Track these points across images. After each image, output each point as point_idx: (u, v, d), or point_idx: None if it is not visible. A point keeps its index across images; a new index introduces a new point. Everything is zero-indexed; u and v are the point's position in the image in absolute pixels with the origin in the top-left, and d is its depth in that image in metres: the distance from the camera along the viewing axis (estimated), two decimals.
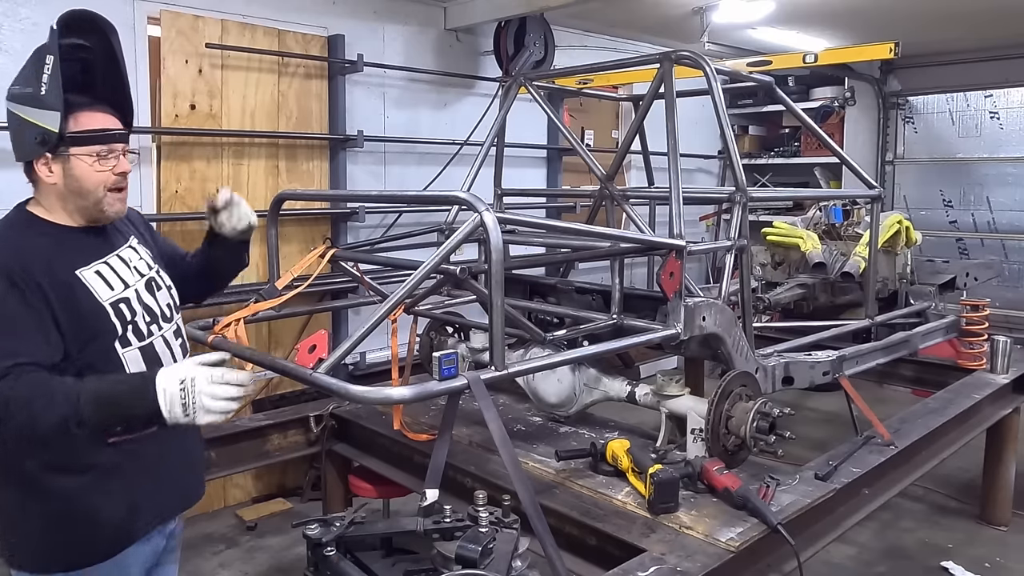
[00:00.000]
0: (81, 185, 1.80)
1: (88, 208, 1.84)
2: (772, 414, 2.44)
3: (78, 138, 1.78)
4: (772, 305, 3.95)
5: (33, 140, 1.75)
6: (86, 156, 1.80)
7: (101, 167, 1.81)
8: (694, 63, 2.85)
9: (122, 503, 1.85)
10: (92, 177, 1.81)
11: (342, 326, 4.84)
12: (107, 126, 1.84)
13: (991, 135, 7.44)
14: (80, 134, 1.79)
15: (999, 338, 4.00)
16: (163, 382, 1.67)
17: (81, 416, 1.62)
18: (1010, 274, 7.31)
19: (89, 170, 1.80)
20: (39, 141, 1.75)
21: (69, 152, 1.78)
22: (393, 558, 1.81)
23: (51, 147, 1.76)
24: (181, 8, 4.15)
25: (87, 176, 1.80)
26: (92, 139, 1.80)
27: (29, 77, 1.77)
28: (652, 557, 2.07)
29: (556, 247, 3.19)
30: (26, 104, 1.76)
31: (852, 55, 5.61)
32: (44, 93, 1.74)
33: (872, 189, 3.71)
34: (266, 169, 4.58)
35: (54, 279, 1.74)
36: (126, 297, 1.87)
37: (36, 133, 1.74)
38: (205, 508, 4.48)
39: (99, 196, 1.83)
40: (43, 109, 1.74)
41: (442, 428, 2.08)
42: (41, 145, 1.75)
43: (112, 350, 1.82)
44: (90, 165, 1.80)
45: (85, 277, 1.81)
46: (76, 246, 1.83)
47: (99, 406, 1.65)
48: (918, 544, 4.12)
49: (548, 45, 5.44)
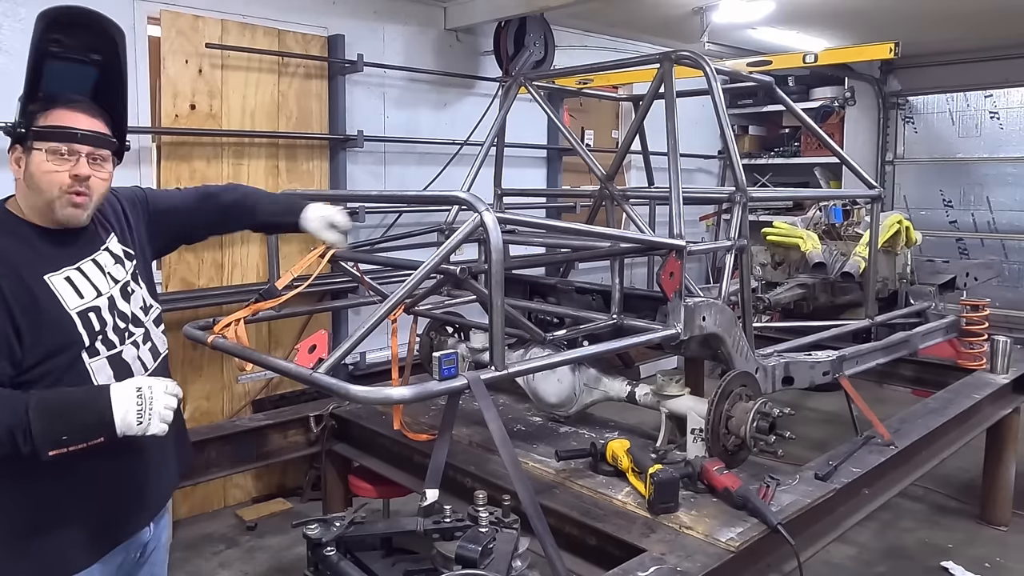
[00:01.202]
0: (33, 181, 1.73)
1: (41, 208, 1.75)
2: (772, 414, 2.44)
3: (40, 132, 1.72)
4: (772, 305, 3.95)
5: (7, 130, 1.75)
6: (44, 152, 1.72)
7: (56, 166, 1.72)
8: (694, 63, 2.85)
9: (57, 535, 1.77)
10: (48, 176, 1.72)
11: (342, 326, 4.84)
12: (77, 125, 1.76)
13: (991, 135, 7.44)
14: (43, 128, 1.72)
15: (999, 338, 4.00)
16: (117, 392, 1.66)
17: (28, 427, 1.55)
18: (1010, 274, 7.31)
19: (47, 168, 1.72)
20: (8, 131, 1.74)
21: (31, 146, 1.72)
22: (393, 558, 1.81)
23: (17, 139, 1.74)
24: (181, 8, 4.15)
25: (39, 173, 1.72)
26: (52, 135, 1.72)
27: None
28: (652, 557, 2.07)
29: (556, 247, 3.19)
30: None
31: (852, 55, 5.61)
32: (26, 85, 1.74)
33: (872, 189, 3.71)
34: (266, 169, 4.58)
35: (19, 285, 1.67)
36: (96, 306, 1.79)
37: (13, 123, 1.74)
38: (205, 508, 4.48)
39: (51, 196, 1.73)
40: (20, 100, 1.75)
41: (442, 428, 2.08)
42: (8, 135, 1.74)
43: (79, 360, 1.75)
44: (46, 161, 1.71)
45: (54, 283, 1.73)
46: (48, 249, 1.75)
47: (49, 416, 1.58)
48: (918, 544, 4.12)
49: (548, 45, 5.44)
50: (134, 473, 1.90)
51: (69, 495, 1.77)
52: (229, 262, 4.45)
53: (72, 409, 1.63)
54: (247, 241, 4.51)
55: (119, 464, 1.84)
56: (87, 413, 1.64)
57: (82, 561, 1.82)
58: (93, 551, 1.84)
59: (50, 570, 1.77)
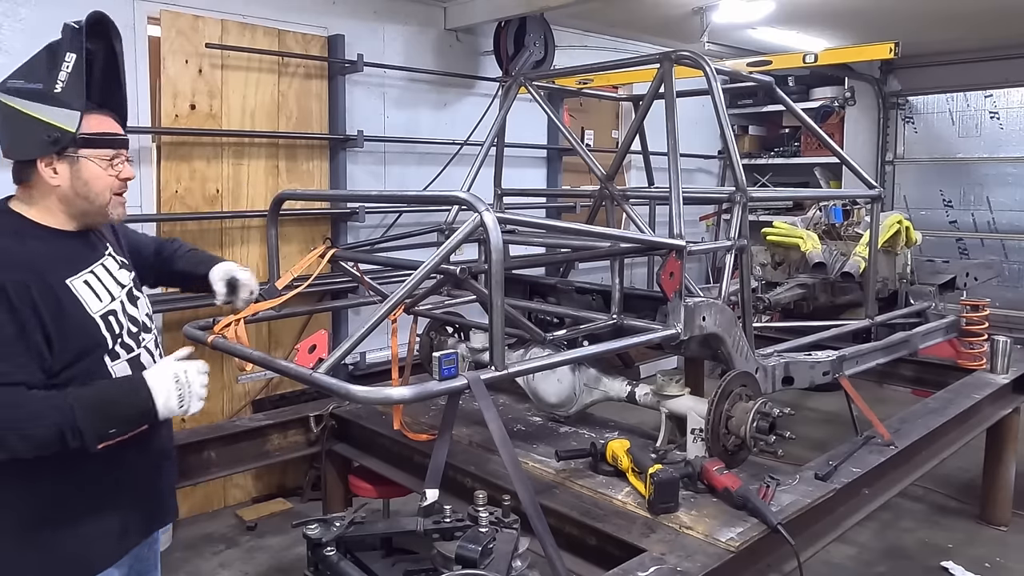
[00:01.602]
0: (90, 188, 1.77)
1: (91, 212, 1.81)
2: (772, 414, 2.44)
3: (91, 140, 1.75)
4: (772, 305, 3.95)
5: (42, 138, 1.69)
6: (98, 159, 1.77)
7: (106, 171, 1.79)
8: (694, 63, 2.85)
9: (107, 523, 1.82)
10: (102, 180, 1.79)
11: (342, 326, 4.84)
12: (115, 131, 1.82)
13: (991, 135, 7.44)
14: (93, 136, 1.75)
15: (999, 338, 3.99)
16: (154, 380, 1.73)
17: (76, 425, 1.61)
18: (1010, 274, 7.31)
19: (101, 173, 1.78)
20: (50, 140, 1.69)
21: (78, 154, 1.74)
22: (393, 558, 1.81)
23: (61, 148, 1.71)
24: (181, 8, 4.15)
25: (98, 179, 1.78)
26: (104, 142, 1.78)
27: (39, 73, 1.72)
28: (652, 557, 2.07)
29: (556, 247, 3.19)
30: (33, 100, 1.70)
31: (852, 55, 5.61)
32: (60, 91, 1.69)
33: (872, 189, 3.71)
34: (266, 169, 4.58)
35: (46, 291, 1.69)
36: (113, 310, 1.83)
37: (47, 131, 1.69)
38: (205, 508, 4.48)
39: (106, 200, 1.81)
40: (57, 107, 1.69)
41: (442, 428, 2.08)
42: (52, 144, 1.70)
43: (102, 364, 1.79)
44: (103, 169, 1.78)
45: (75, 287, 1.76)
46: (66, 253, 1.78)
47: (94, 412, 1.64)
48: (918, 544, 4.12)
49: (548, 45, 5.44)
50: (151, 474, 1.95)
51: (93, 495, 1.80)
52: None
53: (115, 403, 1.70)
54: (247, 241, 4.52)
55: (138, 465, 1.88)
56: (130, 407, 1.71)
57: (106, 559, 1.85)
58: (116, 550, 1.87)
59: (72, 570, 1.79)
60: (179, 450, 2.83)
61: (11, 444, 1.58)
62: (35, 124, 1.70)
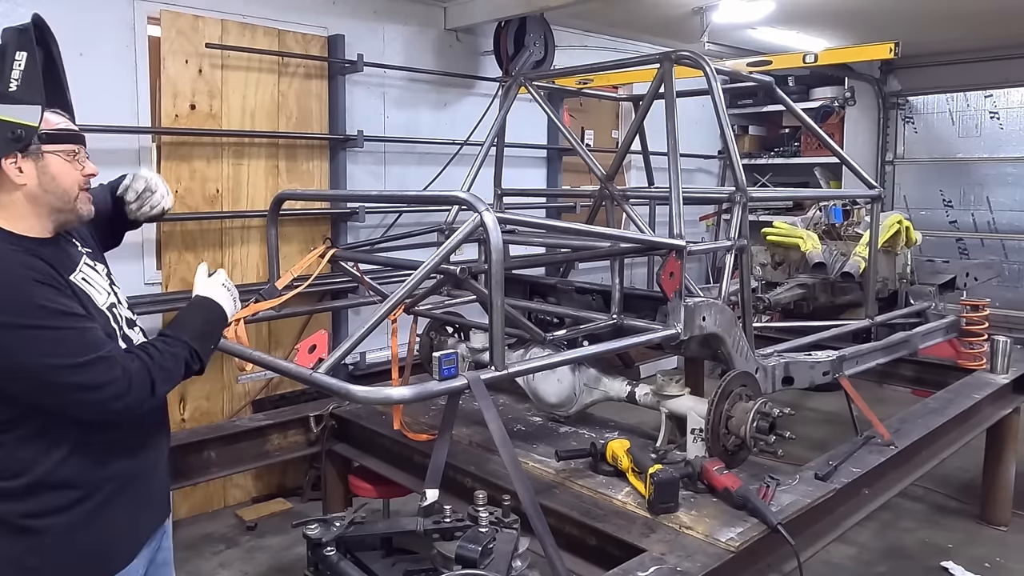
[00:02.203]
0: (58, 184, 1.74)
1: (62, 209, 1.77)
2: (772, 414, 2.44)
3: (54, 136, 1.73)
4: (772, 305, 3.95)
5: (5, 136, 1.65)
6: (62, 154, 1.74)
7: (71, 167, 1.77)
8: (694, 63, 2.85)
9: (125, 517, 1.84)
10: (70, 175, 1.76)
11: (342, 326, 4.84)
12: (70, 126, 1.80)
13: (991, 135, 7.44)
14: (55, 132, 1.74)
15: (999, 338, 3.99)
16: (215, 294, 1.95)
17: (195, 353, 1.81)
18: (1010, 274, 7.31)
19: (68, 168, 1.75)
20: (13, 137, 1.66)
21: (43, 150, 1.71)
22: (393, 558, 1.81)
23: (25, 145, 1.68)
24: (181, 8, 4.15)
25: (66, 174, 1.75)
26: (66, 137, 1.76)
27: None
28: (652, 557, 2.07)
29: (556, 247, 3.19)
30: None
31: (852, 55, 5.62)
32: (15, 89, 1.66)
33: (872, 189, 3.71)
34: (266, 169, 4.58)
35: (63, 280, 1.70)
36: (112, 303, 1.85)
37: (8, 129, 1.65)
38: (205, 508, 4.48)
39: (73, 196, 1.77)
40: (15, 104, 1.66)
41: (442, 428, 2.08)
42: (15, 141, 1.66)
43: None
44: (68, 163, 1.75)
45: (78, 283, 1.76)
46: (55, 256, 1.75)
47: (202, 339, 1.85)
48: (918, 544, 4.12)
49: (548, 45, 5.44)
50: (157, 466, 1.96)
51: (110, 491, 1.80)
52: (229, 262, 4.45)
53: (210, 327, 1.92)
54: (247, 241, 4.52)
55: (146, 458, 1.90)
56: (218, 324, 1.95)
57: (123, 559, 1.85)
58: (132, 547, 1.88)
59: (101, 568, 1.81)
60: (179, 450, 2.85)
61: (161, 391, 1.74)
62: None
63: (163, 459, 2.01)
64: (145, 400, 1.69)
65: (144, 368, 1.69)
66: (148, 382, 1.69)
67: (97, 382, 1.62)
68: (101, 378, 1.62)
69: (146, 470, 1.90)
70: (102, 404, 1.64)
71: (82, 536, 1.75)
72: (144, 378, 1.68)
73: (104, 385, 1.62)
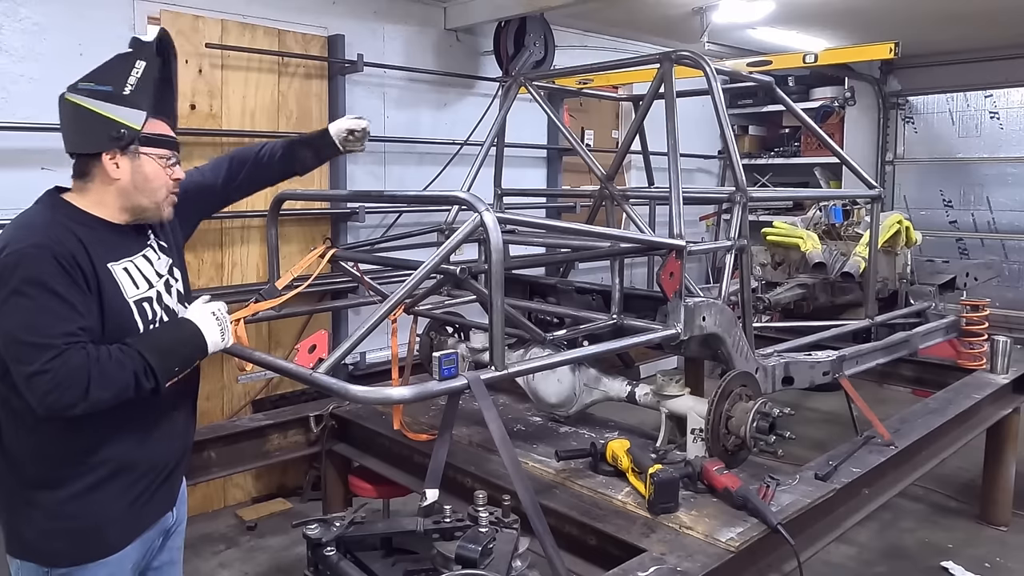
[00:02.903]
0: (149, 184, 1.89)
1: (146, 207, 1.92)
2: (772, 414, 2.44)
3: (152, 139, 1.89)
4: (772, 305, 3.95)
5: (110, 134, 1.82)
6: (157, 158, 1.90)
7: (163, 171, 1.92)
8: (694, 63, 2.85)
9: (123, 501, 1.88)
10: (160, 178, 1.91)
11: (342, 326, 4.84)
12: (169, 134, 1.96)
13: (991, 135, 7.45)
14: (154, 136, 1.90)
15: (999, 338, 4.00)
16: (199, 319, 1.89)
17: (149, 368, 1.75)
18: (1010, 274, 7.31)
19: (159, 171, 1.91)
20: (116, 136, 1.83)
21: (140, 151, 1.87)
22: (393, 558, 1.81)
23: (125, 144, 1.84)
24: (181, 8, 4.15)
25: (157, 175, 1.90)
26: (163, 143, 1.92)
27: (109, 76, 1.84)
28: (652, 557, 2.07)
29: (556, 247, 3.19)
30: (102, 99, 1.83)
31: (852, 55, 5.61)
32: (129, 93, 1.84)
33: (872, 189, 3.71)
34: None
35: (88, 267, 1.78)
36: (149, 297, 1.92)
37: (114, 128, 1.82)
38: (205, 508, 4.48)
39: (162, 196, 1.93)
40: (125, 107, 1.83)
41: (442, 428, 2.08)
42: (117, 140, 1.83)
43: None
44: (160, 167, 1.91)
45: (115, 272, 1.85)
46: (110, 240, 1.87)
47: (161, 356, 1.79)
48: (918, 544, 4.12)
49: (548, 45, 5.44)
50: (160, 452, 1.98)
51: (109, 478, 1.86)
52: (229, 262, 4.46)
53: (176, 346, 1.86)
54: (247, 241, 4.51)
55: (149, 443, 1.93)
56: (188, 346, 1.88)
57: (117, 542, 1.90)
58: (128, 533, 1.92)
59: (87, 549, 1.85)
60: None
61: (97, 394, 1.68)
62: (104, 121, 1.83)
63: (176, 456, 2.04)
64: (77, 400, 1.66)
65: (82, 367, 1.66)
66: (83, 382, 1.66)
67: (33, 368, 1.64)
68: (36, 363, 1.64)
69: (149, 462, 1.93)
70: (34, 391, 1.66)
71: (70, 512, 1.82)
72: (79, 377, 1.65)
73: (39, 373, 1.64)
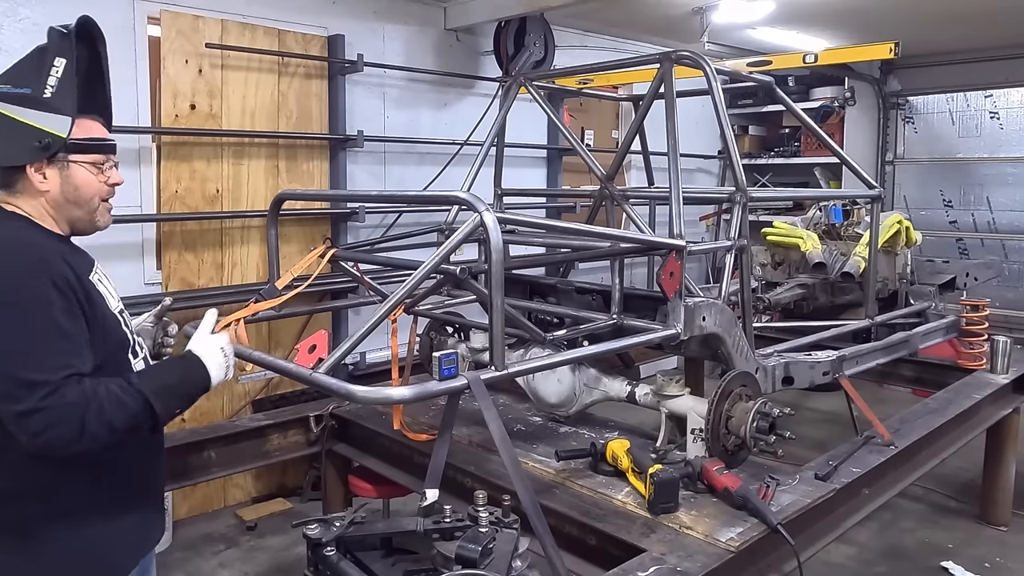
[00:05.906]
0: (79, 194, 1.74)
1: (80, 218, 1.77)
2: (772, 414, 2.44)
3: (81, 145, 1.72)
4: (772, 305, 3.95)
5: (32, 144, 1.65)
6: (88, 164, 1.74)
7: (96, 177, 1.76)
8: (694, 63, 2.85)
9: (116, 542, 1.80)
10: (92, 186, 1.75)
11: (342, 326, 4.84)
12: (104, 136, 1.80)
13: (991, 135, 7.44)
14: (83, 142, 1.73)
15: (999, 338, 4.00)
16: (206, 355, 1.80)
17: (151, 409, 1.65)
18: (1010, 274, 7.31)
19: (91, 179, 1.75)
20: (41, 146, 1.66)
21: (68, 159, 1.71)
22: (393, 558, 1.81)
23: (52, 154, 1.68)
24: (181, 8, 4.15)
25: (88, 185, 1.74)
26: (94, 148, 1.75)
27: (26, 77, 1.67)
28: (652, 557, 2.07)
29: (556, 247, 3.19)
30: (20, 104, 1.66)
31: (852, 55, 5.61)
32: (50, 96, 1.66)
33: (872, 189, 3.71)
34: (266, 169, 4.58)
35: (80, 285, 1.67)
36: (123, 309, 1.84)
37: (37, 137, 1.65)
38: (205, 508, 4.48)
39: (94, 206, 1.77)
40: (47, 112, 1.66)
41: (442, 428, 2.08)
42: (43, 150, 1.66)
43: (127, 361, 1.80)
44: (93, 175, 1.75)
45: (96, 285, 1.75)
46: (74, 254, 1.76)
47: (167, 395, 1.69)
48: (918, 544, 4.12)
49: (548, 45, 5.44)
50: (157, 475, 1.95)
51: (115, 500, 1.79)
52: (229, 262, 4.46)
53: (182, 385, 1.76)
54: (247, 241, 4.51)
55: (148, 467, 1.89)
56: (192, 384, 1.78)
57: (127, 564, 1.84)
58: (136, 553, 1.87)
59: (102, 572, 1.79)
60: (179, 450, 2.85)
61: (94, 432, 1.57)
62: (24, 129, 1.66)
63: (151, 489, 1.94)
64: (72, 441, 1.55)
65: (80, 404, 1.55)
66: (78, 420, 1.54)
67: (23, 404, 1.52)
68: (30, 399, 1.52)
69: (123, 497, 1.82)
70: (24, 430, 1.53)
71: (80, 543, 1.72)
72: (74, 414, 1.54)
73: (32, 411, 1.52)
